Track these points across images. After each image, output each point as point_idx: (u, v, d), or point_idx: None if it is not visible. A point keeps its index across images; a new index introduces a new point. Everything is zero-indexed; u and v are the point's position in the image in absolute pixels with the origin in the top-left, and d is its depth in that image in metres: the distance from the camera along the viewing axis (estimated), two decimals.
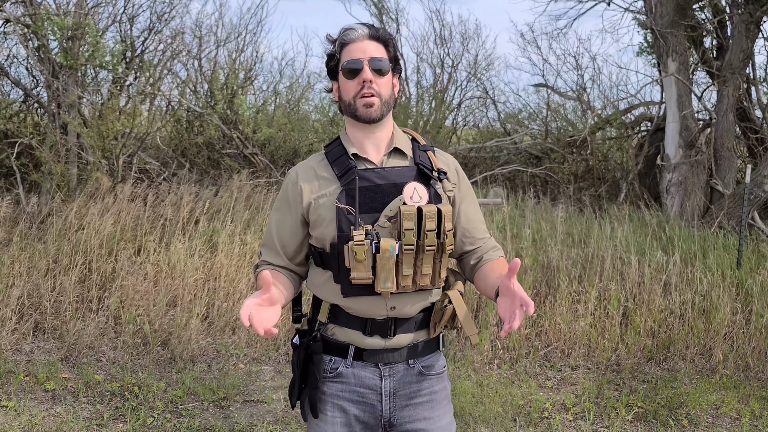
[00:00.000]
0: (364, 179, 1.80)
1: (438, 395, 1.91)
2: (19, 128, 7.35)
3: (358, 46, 1.81)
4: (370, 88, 1.79)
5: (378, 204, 1.79)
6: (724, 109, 7.93)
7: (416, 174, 1.83)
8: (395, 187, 1.80)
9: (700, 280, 5.28)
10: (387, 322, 1.82)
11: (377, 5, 9.92)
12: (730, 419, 4.12)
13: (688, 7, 8.18)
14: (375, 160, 1.85)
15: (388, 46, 1.85)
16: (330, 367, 1.87)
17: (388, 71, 1.83)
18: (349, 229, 1.75)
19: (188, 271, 5.08)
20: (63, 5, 7.33)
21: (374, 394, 1.85)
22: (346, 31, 1.84)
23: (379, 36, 1.84)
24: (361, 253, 1.70)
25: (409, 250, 1.74)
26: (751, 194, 6.84)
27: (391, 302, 1.80)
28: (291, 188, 1.88)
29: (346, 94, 1.83)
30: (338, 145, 1.88)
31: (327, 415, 1.87)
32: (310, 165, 1.90)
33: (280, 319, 4.98)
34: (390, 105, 1.85)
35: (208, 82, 8.57)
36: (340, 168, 1.83)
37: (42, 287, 4.85)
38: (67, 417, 3.69)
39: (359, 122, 1.84)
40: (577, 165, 9.33)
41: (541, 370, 4.69)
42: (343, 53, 1.83)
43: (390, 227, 1.77)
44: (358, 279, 1.73)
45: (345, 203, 1.78)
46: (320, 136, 8.87)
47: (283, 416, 3.89)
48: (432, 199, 1.81)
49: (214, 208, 6.21)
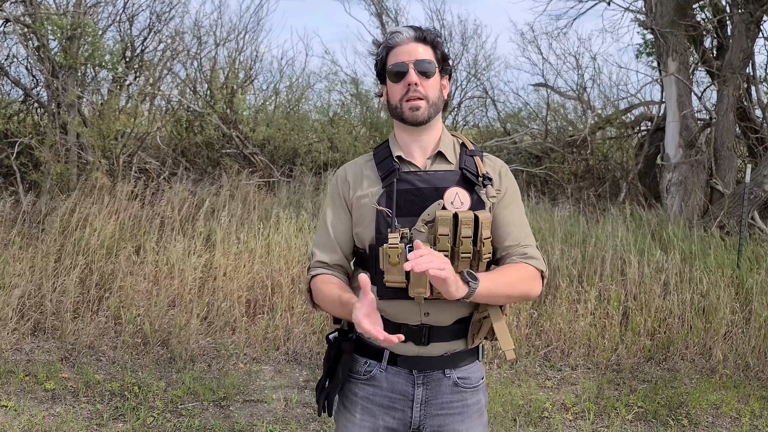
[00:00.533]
0: (406, 182, 1.79)
1: (470, 408, 1.87)
2: (18, 128, 7.35)
3: (404, 49, 1.80)
4: (416, 90, 1.78)
5: (417, 207, 1.77)
6: (724, 109, 7.93)
7: (460, 179, 1.80)
8: (436, 191, 1.78)
9: (700, 279, 5.28)
10: (421, 329, 1.79)
11: (377, 5, 9.91)
12: (730, 419, 4.12)
13: (688, 6, 8.17)
14: (419, 163, 1.83)
15: (435, 48, 1.82)
16: (364, 369, 1.86)
17: (435, 73, 1.81)
18: (387, 231, 1.74)
19: (187, 271, 5.08)
20: (62, 5, 7.33)
21: (405, 401, 1.84)
22: (392, 34, 1.83)
23: (426, 38, 1.82)
24: (394, 257, 1.68)
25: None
26: (751, 194, 6.84)
27: (425, 308, 1.77)
28: (341, 185, 1.89)
29: (393, 97, 1.82)
30: (386, 147, 1.88)
31: (356, 417, 1.86)
32: (358, 164, 1.90)
33: (279, 322, 4.95)
34: (438, 107, 1.83)
35: (208, 81, 8.57)
36: (384, 170, 1.82)
37: (43, 287, 4.85)
38: (67, 417, 3.69)
39: (406, 125, 1.83)
40: (577, 165, 9.32)
41: (541, 369, 4.69)
42: (389, 57, 1.82)
43: (427, 232, 1.75)
44: (391, 282, 1.71)
45: (385, 205, 1.77)
46: (320, 136, 8.87)
47: (283, 416, 3.89)
48: (474, 205, 1.77)
49: (211, 207, 6.21)
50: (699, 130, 8.06)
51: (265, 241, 5.50)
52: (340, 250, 1.88)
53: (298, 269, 5.25)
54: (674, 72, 7.99)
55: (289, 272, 5.20)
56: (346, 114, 9.38)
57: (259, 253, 5.33)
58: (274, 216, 5.99)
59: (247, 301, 5.05)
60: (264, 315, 4.93)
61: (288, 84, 9.65)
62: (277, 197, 6.88)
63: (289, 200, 6.93)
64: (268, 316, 4.90)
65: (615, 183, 9.02)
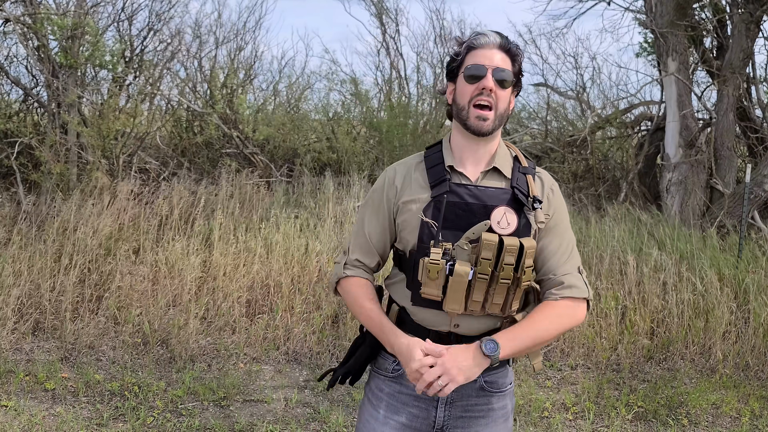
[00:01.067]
0: (455, 194, 1.75)
1: (495, 413, 1.86)
2: (18, 128, 7.34)
3: (486, 53, 1.75)
4: (489, 96, 1.73)
5: (464, 223, 1.73)
6: (724, 109, 7.93)
7: (510, 198, 1.75)
8: (485, 208, 1.73)
9: (701, 279, 5.28)
10: (449, 335, 1.78)
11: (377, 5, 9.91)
12: (730, 419, 4.12)
13: (688, 6, 8.17)
14: (471, 175, 1.79)
15: (515, 61, 1.78)
16: (393, 367, 1.86)
17: (510, 85, 1.77)
18: (429, 243, 1.72)
19: (186, 270, 5.08)
20: (63, 5, 7.33)
21: (430, 401, 1.83)
22: (477, 35, 1.78)
23: (509, 48, 1.78)
24: (434, 272, 1.67)
25: (482, 278, 1.69)
26: (751, 194, 6.84)
27: (456, 320, 1.77)
28: (388, 188, 1.85)
29: (462, 97, 1.77)
30: (438, 151, 1.83)
31: (380, 413, 1.86)
32: (409, 165, 1.86)
33: (279, 321, 4.94)
34: (503, 120, 1.78)
35: (208, 81, 8.56)
36: (434, 177, 1.78)
37: (42, 287, 4.85)
38: (67, 416, 3.69)
39: (467, 131, 1.78)
40: (577, 164, 9.32)
41: (541, 369, 4.68)
42: (468, 56, 1.77)
43: (470, 250, 1.71)
44: (427, 294, 1.71)
45: (431, 216, 1.74)
46: (320, 135, 8.87)
47: (283, 416, 3.89)
48: (520, 228, 1.73)
49: (211, 207, 6.21)
50: (699, 130, 8.06)
51: (265, 241, 5.50)
52: (377, 251, 1.89)
53: (298, 269, 5.25)
54: (674, 72, 7.99)
55: (288, 272, 5.20)
56: (345, 113, 9.39)
57: (259, 252, 5.33)
58: (273, 215, 5.99)
59: (247, 301, 5.05)
60: (264, 315, 4.93)
61: (288, 84, 9.65)
62: (275, 197, 6.87)
63: (288, 199, 6.93)
64: (268, 316, 4.90)
65: (615, 183, 9.02)
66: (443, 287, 1.69)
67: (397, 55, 9.88)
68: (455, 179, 1.78)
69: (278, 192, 7.07)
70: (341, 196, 6.83)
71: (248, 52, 9.17)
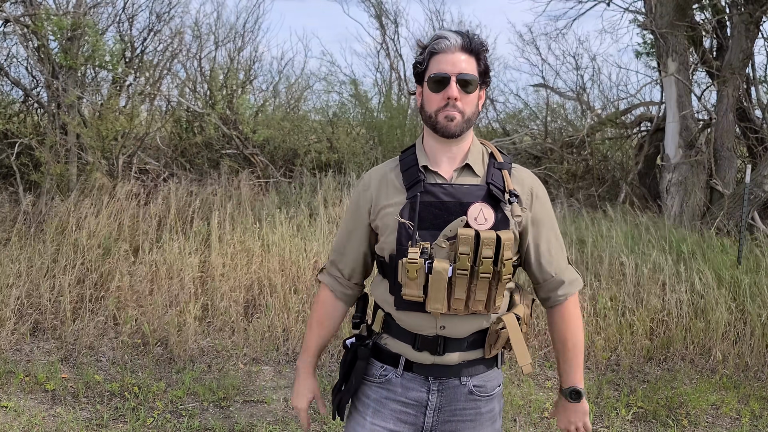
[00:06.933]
0: (430, 194, 1.74)
1: (483, 417, 1.86)
2: (18, 128, 7.34)
3: (448, 58, 1.72)
4: (455, 107, 1.72)
5: (441, 222, 1.73)
6: (724, 109, 7.93)
7: (486, 194, 1.75)
8: (461, 206, 1.73)
9: (701, 279, 5.28)
10: (436, 339, 1.78)
11: (376, 7, 9.91)
12: (730, 419, 4.12)
13: (687, 7, 8.17)
14: (446, 174, 1.78)
15: (479, 59, 1.76)
16: (380, 373, 1.86)
17: (476, 88, 1.75)
18: (407, 244, 1.71)
19: (185, 270, 5.08)
20: (62, 5, 7.33)
21: (419, 407, 1.83)
22: (438, 39, 1.75)
23: (472, 48, 1.74)
24: (413, 272, 1.67)
25: (462, 274, 1.68)
26: (751, 194, 6.84)
27: (441, 321, 1.76)
28: (362, 194, 1.86)
29: (429, 105, 1.76)
30: (412, 153, 1.83)
31: (366, 420, 1.86)
32: (384, 170, 1.86)
33: (277, 321, 4.93)
34: (472, 121, 1.77)
35: (208, 81, 8.57)
36: (409, 179, 1.78)
37: (41, 287, 4.85)
38: (67, 417, 3.69)
39: (437, 135, 1.78)
40: (577, 165, 9.32)
41: (541, 370, 4.69)
42: (431, 62, 1.75)
43: (448, 248, 1.71)
44: (409, 295, 1.71)
45: (407, 217, 1.74)
46: (320, 136, 8.87)
47: (283, 416, 3.89)
48: (498, 223, 1.73)
49: (209, 207, 6.21)
50: (699, 130, 8.06)
51: (262, 242, 5.49)
52: (352, 262, 1.92)
53: (295, 269, 5.25)
54: (674, 72, 8.00)
55: (285, 272, 5.19)
56: (344, 114, 9.39)
57: (257, 252, 5.33)
58: (270, 216, 5.98)
59: (246, 301, 5.05)
60: (261, 315, 4.93)
61: (287, 84, 9.66)
62: (273, 197, 6.87)
63: (286, 200, 6.93)
64: (265, 316, 4.90)
65: (615, 183, 9.02)
66: (424, 287, 1.69)
67: (396, 57, 9.90)
68: (430, 179, 1.78)
69: (279, 192, 7.07)
70: (341, 196, 6.83)
71: (248, 52, 9.17)
